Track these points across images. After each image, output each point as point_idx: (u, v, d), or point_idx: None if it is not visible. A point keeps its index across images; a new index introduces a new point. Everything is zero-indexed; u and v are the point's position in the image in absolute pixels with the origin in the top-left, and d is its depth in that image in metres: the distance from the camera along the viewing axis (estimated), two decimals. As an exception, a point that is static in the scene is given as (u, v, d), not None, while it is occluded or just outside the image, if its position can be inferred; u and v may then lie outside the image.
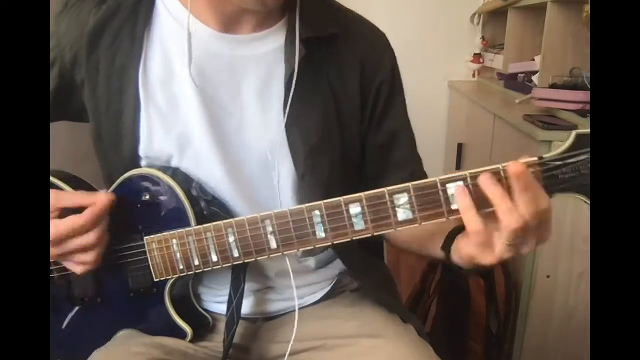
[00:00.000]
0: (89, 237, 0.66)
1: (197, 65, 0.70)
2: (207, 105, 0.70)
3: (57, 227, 0.64)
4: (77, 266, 0.68)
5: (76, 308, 0.76)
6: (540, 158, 0.54)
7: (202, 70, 0.70)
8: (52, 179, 0.75)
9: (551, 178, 0.54)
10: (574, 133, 0.53)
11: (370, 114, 0.77)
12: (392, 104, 0.78)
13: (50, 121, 0.77)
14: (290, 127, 0.71)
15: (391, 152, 0.79)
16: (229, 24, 0.70)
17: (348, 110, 0.74)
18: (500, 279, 1.37)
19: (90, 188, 0.77)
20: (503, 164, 0.54)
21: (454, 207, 0.56)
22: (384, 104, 0.77)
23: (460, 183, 0.56)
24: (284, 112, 0.70)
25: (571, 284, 1.31)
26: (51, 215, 0.66)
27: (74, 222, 0.65)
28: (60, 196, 0.68)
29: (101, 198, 0.66)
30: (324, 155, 0.73)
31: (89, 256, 0.67)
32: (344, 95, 0.74)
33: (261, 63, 0.71)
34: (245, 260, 0.66)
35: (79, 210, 0.66)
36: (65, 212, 0.66)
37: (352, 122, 0.75)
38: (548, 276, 1.31)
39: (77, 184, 0.77)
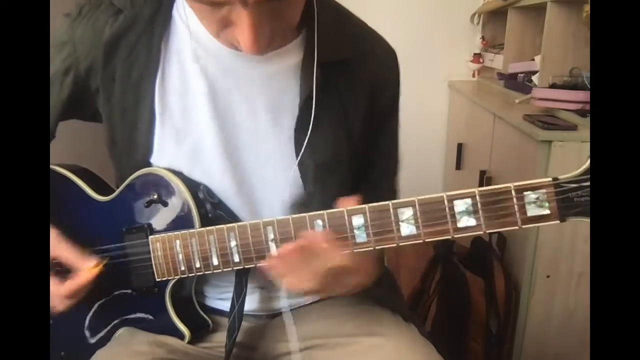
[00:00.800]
0: (63, 303, 0.68)
1: (210, 81, 0.70)
2: (219, 120, 0.70)
3: None
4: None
5: (95, 306, 0.77)
6: (555, 179, 0.52)
7: (215, 87, 0.70)
8: (65, 172, 0.77)
9: (565, 201, 0.51)
10: None
11: (369, 130, 0.77)
12: (385, 124, 0.79)
13: (62, 120, 0.78)
14: (300, 147, 0.71)
15: (368, 170, 0.79)
16: None
17: (357, 127, 0.74)
18: (500, 279, 1.37)
19: (101, 182, 0.79)
20: (515, 184, 0.53)
21: (460, 225, 0.54)
22: (378, 122, 0.78)
23: (469, 200, 0.54)
24: (295, 133, 0.70)
25: (571, 284, 1.31)
26: None
27: (54, 289, 0.66)
28: (58, 246, 0.68)
29: (87, 271, 0.67)
30: (334, 174, 0.73)
31: (60, 309, 0.69)
32: (354, 114, 0.74)
33: (275, 80, 0.71)
34: (246, 266, 0.66)
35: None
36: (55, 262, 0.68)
37: (359, 139, 0.75)
38: (548, 276, 1.31)
39: (90, 177, 0.78)
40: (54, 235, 0.67)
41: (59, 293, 0.66)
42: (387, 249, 0.87)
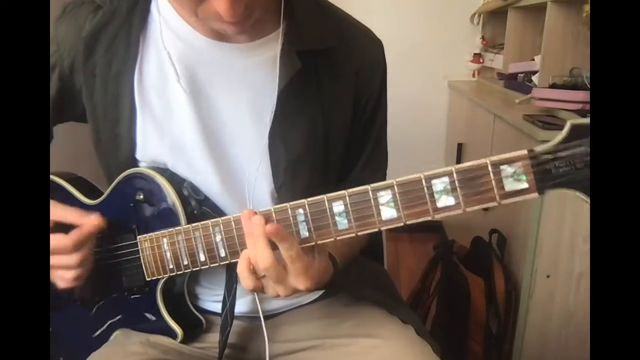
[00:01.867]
0: (71, 259, 0.67)
1: (191, 73, 0.70)
2: (200, 112, 0.70)
3: None
4: (59, 281, 0.69)
5: (90, 310, 0.77)
6: (531, 151, 0.52)
7: (196, 79, 0.70)
8: (59, 180, 0.76)
9: (543, 173, 0.51)
10: (569, 123, 0.50)
11: (356, 123, 0.77)
12: (374, 117, 0.78)
13: (57, 122, 0.78)
14: (274, 138, 0.70)
15: (353, 165, 0.79)
16: (223, 33, 0.68)
17: (338, 121, 0.74)
18: (500, 279, 1.37)
19: (94, 188, 0.79)
20: (492, 158, 0.53)
21: (439, 204, 0.53)
22: (368, 116, 0.77)
23: (446, 179, 0.53)
24: (271, 125, 0.70)
25: (571, 284, 1.31)
26: None
27: (59, 242, 0.66)
28: (55, 209, 0.68)
29: (90, 222, 0.67)
30: (305, 167, 0.72)
31: (70, 274, 0.68)
32: (335, 107, 0.73)
33: (256, 72, 0.70)
34: (232, 260, 0.65)
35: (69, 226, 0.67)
36: (57, 226, 0.67)
37: (340, 133, 0.75)
38: (548, 276, 1.31)
39: (82, 185, 0.78)
40: (51, 203, 0.67)
41: (65, 244, 0.66)
42: (387, 253, 0.86)
